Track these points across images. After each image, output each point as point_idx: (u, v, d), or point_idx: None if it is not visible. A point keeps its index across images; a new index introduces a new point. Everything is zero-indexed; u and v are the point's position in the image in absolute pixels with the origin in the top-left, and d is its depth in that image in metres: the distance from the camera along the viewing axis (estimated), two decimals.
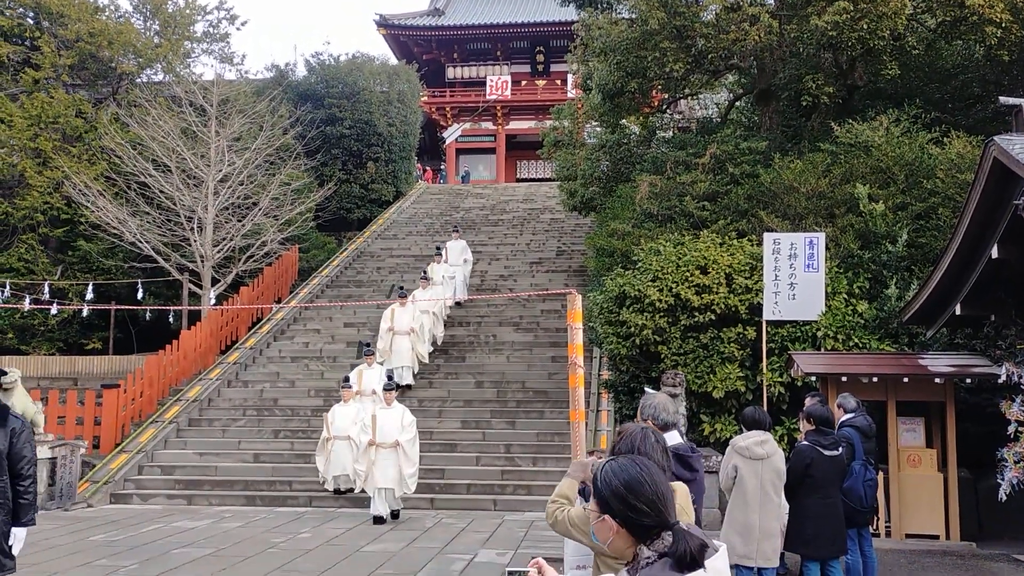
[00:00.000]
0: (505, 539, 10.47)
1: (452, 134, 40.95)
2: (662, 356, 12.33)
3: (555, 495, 3.94)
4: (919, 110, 14.98)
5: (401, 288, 17.75)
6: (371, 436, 11.72)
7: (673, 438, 4.68)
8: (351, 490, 12.94)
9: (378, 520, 11.57)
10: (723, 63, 16.05)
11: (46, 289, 19.60)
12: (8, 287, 19.51)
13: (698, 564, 2.27)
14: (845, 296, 12.12)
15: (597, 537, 2.44)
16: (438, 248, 20.50)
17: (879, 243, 12.74)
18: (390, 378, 13.52)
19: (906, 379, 10.48)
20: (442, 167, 42.44)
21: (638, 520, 2.34)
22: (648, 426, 3.62)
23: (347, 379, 13.79)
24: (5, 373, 11.91)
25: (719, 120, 19.64)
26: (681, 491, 3.63)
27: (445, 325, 18.56)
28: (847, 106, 16.21)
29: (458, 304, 19.68)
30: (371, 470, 11.69)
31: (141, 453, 14.54)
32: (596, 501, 2.43)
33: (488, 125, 42.14)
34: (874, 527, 10.20)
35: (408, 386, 16.03)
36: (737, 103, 19.72)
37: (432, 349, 17.39)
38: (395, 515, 11.99)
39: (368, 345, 15.68)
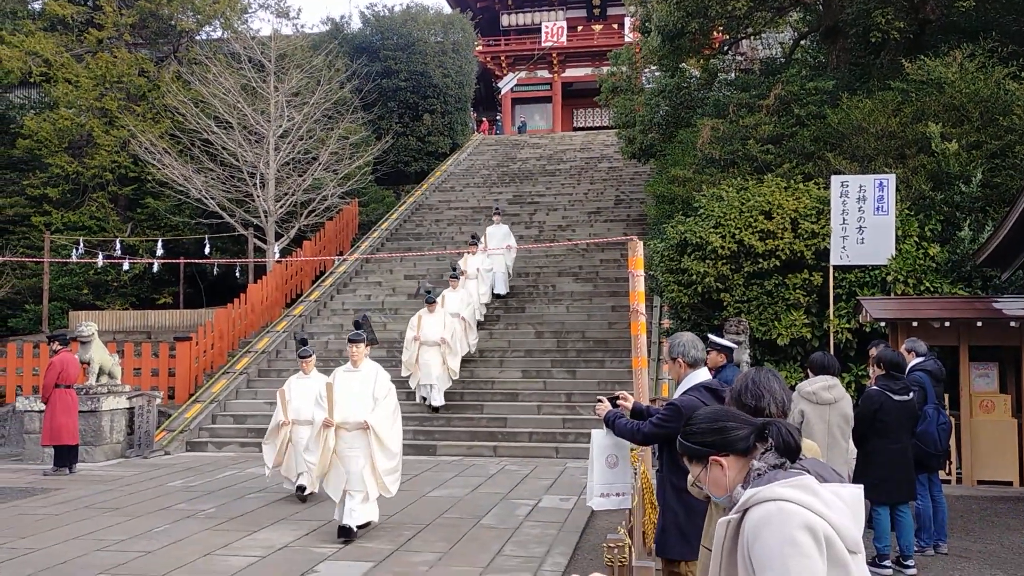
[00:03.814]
0: (568, 485, 10.58)
1: (507, 83, 40.56)
2: (725, 304, 12.18)
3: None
4: (995, 44, 14.28)
5: (428, 292, 14.99)
6: (326, 413, 7.97)
7: (703, 375, 4.68)
8: (310, 493, 9.68)
9: (344, 531, 7.85)
10: None
11: (117, 246, 20.18)
12: (82, 244, 20.15)
13: (798, 447, 2.37)
14: (916, 239, 11.77)
15: (715, 491, 2.50)
16: (474, 237, 17.90)
17: (952, 184, 12.30)
18: (358, 325, 10.39)
19: (979, 323, 10.20)
20: (498, 117, 42.18)
21: (735, 435, 2.43)
22: (768, 369, 3.59)
23: (304, 341, 10.70)
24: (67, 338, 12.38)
25: (783, 60, 19.03)
26: (810, 447, 3.64)
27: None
28: (918, 42, 15.54)
29: (497, 296, 17.74)
30: (331, 463, 8.00)
31: (214, 403, 15.02)
32: (696, 461, 2.50)
33: (544, 73, 41.62)
34: (947, 472, 10.06)
35: (436, 408, 14.14)
36: (802, 42, 19.07)
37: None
38: (346, 531, 7.89)
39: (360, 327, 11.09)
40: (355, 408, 7.92)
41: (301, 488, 9.70)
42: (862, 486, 2.38)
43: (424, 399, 14.24)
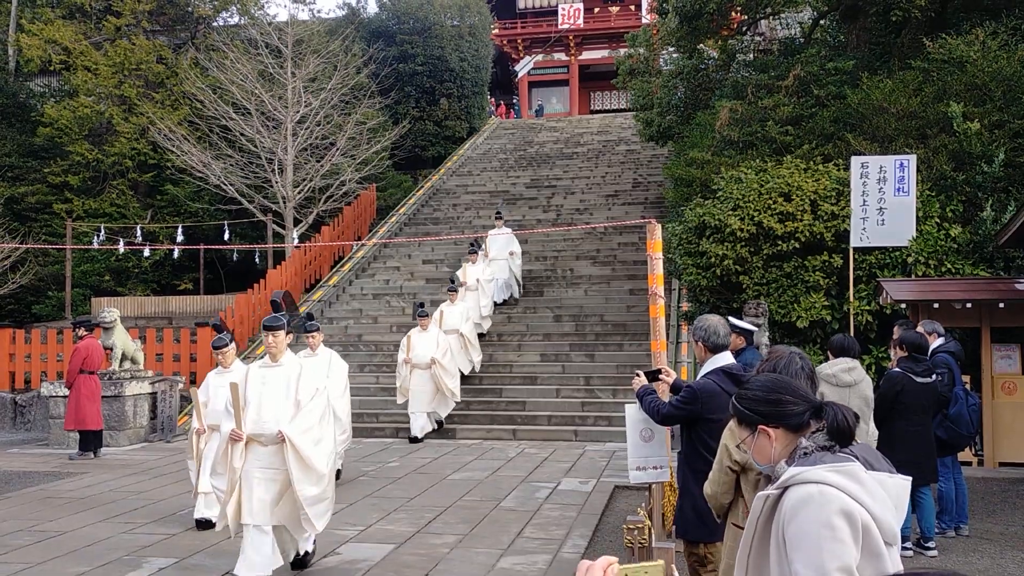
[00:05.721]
0: (587, 468, 10.63)
1: (524, 67, 40.42)
2: (743, 286, 12.14)
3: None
4: (1018, 21, 14.07)
5: (421, 306, 13.61)
6: (234, 424, 6.20)
7: (725, 358, 4.69)
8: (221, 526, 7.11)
9: None
10: None
11: (138, 232, 20.34)
12: (103, 231, 20.32)
13: (851, 434, 2.32)
14: (937, 220, 11.67)
15: (759, 459, 2.49)
16: (473, 245, 16.47)
17: (974, 164, 12.16)
18: (276, 306, 8.10)
19: (1002, 304, 10.11)
20: (515, 101, 42.03)
21: (789, 410, 2.41)
22: (796, 350, 3.60)
23: (217, 326, 8.58)
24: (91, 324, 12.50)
25: (803, 40, 18.85)
26: None
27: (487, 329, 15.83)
28: (940, 20, 15.34)
29: (504, 302, 17.03)
30: (242, 489, 6.14)
31: None
32: (745, 425, 2.49)
33: (560, 56, 41.41)
34: (973, 452, 10.02)
35: (434, 428, 13.18)
36: (822, 21, 18.85)
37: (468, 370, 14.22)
38: (299, 564, 6.49)
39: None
40: (272, 415, 6.19)
41: (199, 521, 7.80)
42: (910, 478, 2.36)
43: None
